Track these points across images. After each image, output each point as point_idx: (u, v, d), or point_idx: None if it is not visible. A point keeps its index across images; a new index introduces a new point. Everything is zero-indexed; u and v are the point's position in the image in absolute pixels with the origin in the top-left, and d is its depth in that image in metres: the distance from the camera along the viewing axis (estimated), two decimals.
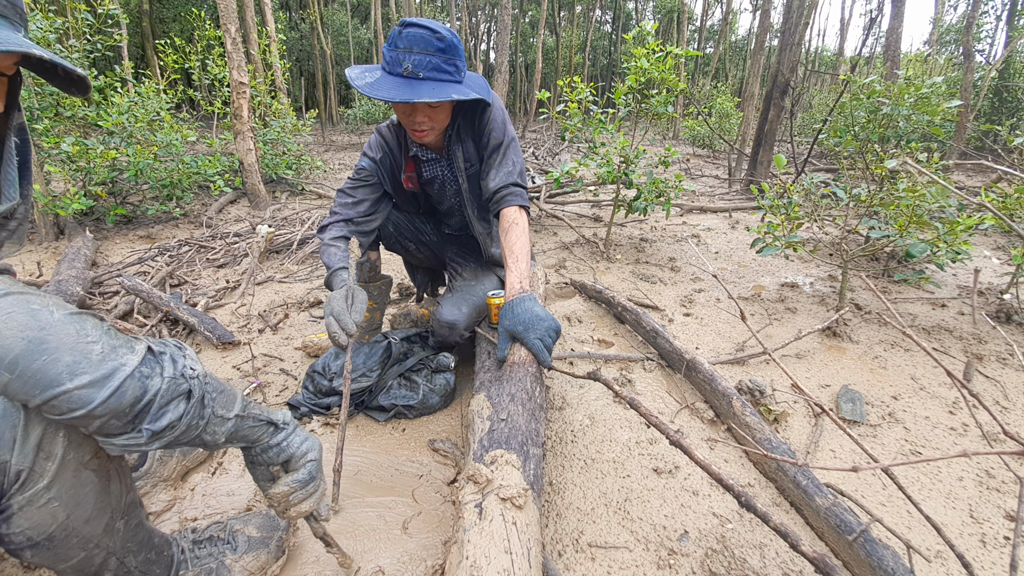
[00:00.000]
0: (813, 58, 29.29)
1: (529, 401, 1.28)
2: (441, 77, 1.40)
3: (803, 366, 1.98)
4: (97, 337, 0.63)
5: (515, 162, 1.62)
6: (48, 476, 0.66)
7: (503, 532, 0.93)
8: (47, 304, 0.61)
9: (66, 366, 0.60)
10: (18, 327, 0.58)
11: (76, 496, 0.70)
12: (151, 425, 0.66)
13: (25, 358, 0.58)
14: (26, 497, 0.65)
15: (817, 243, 3.26)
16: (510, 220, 1.56)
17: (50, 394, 0.59)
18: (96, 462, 0.72)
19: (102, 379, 0.61)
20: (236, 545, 1.03)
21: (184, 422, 0.69)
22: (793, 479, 1.28)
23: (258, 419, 0.84)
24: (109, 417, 0.63)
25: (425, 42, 1.36)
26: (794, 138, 6.50)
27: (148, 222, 4.02)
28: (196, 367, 0.72)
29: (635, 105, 3.08)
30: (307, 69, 21.00)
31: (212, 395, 0.74)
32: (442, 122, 1.54)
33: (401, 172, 1.77)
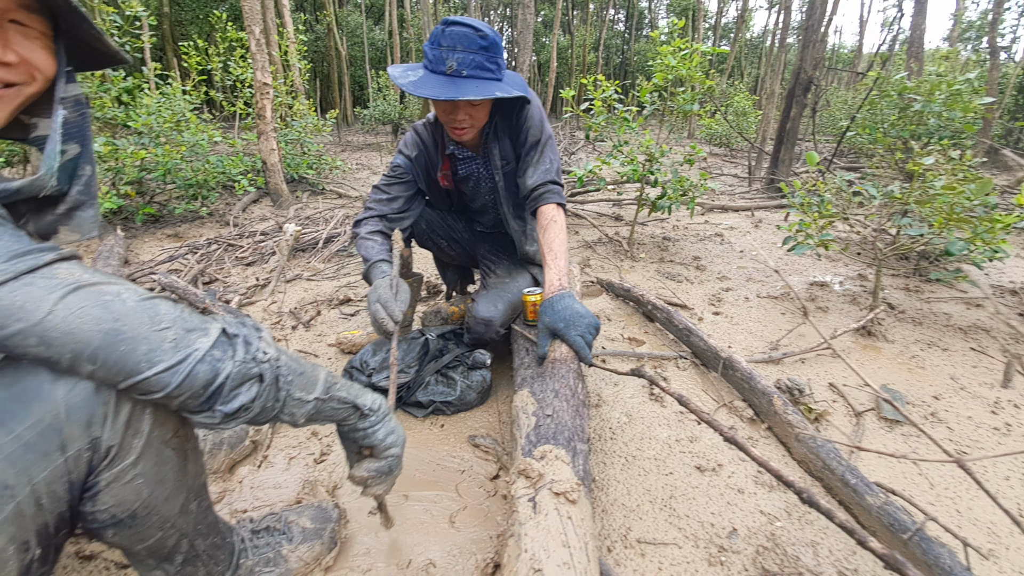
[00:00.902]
0: (830, 55, 28.90)
1: (573, 397, 1.29)
2: (484, 75, 1.41)
3: (839, 365, 1.95)
4: (171, 322, 0.64)
5: (552, 160, 1.62)
6: (135, 453, 0.68)
7: (559, 526, 0.93)
8: (119, 292, 0.63)
9: (143, 355, 0.61)
10: (93, 321, 0.59)
11: (158, 473, 0.72)
12: (223, 407, 0.68)
13: (104, 350, 0.59)
14: (113, 473, 0.67)
15: (847, 242, 3.22)
16: (548, 217, 1.56)
17: (131, 381, 0.62)
18: (176, 441, 0.74)
19: (175, 365, 0.63)
20: (292, 536, 1.05)
21: (258, 404, 0.71)
22: (841, 477, 1.26)
23: (343, 402, 0.85)
24: (186, 397, 0.65)
25: (468, 40, 1.37)
26: (816, 136, 6.42)
27: (175, 221, 4.09)
28: (269, 350, 0.73)
29: (661, 103, 3.07)
30: (322, 70, 21.22)
31: (288, 378, 0.75)
32: (481, 120, 1.56)
33: (437, 170, 1.78)
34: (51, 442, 0.61)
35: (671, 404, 1.66)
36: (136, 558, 0.80)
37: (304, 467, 1.39)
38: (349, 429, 0.91)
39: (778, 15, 20.04)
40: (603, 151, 9.05)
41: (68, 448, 0.62)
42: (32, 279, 0.57)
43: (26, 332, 0.56)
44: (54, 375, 0.61)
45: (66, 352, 0.58)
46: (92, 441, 0.63)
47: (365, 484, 0.95)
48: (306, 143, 5.61)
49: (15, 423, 0.59)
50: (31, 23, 0.67)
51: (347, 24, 21.51)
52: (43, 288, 0.58)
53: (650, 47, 30.46)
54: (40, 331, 0.57)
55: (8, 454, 0.59)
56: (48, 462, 0.61)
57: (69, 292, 0.59)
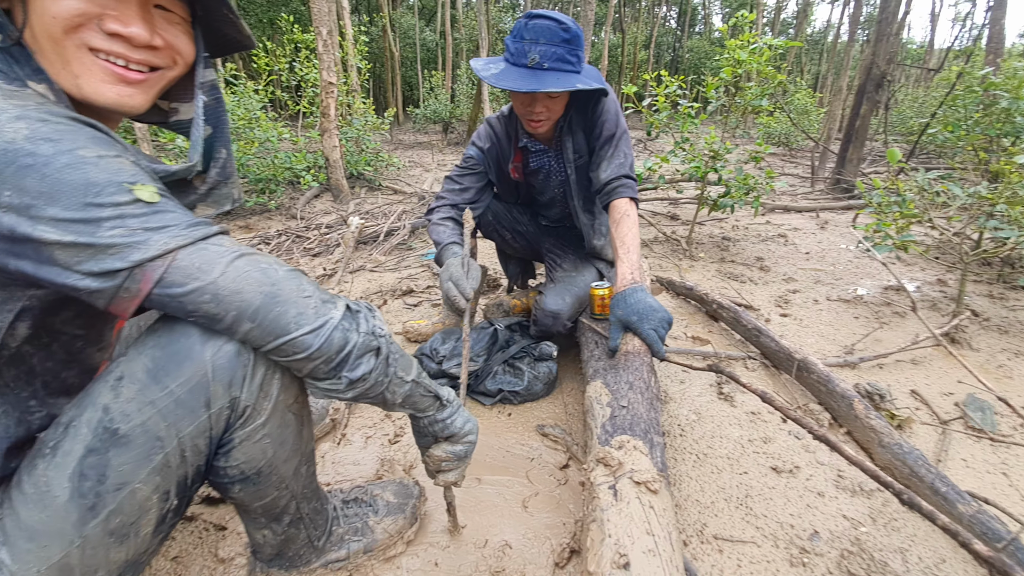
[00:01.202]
0: (898, 51, 27.27)
1: (647, 390, 1.28)
2: (564, 68, 1.42)
3: (921, 373, 1.86)
4: (311, 292, 0.70)
5: (626, 154, 1.62)
6: (264, 414, 0.74)
7: (642, 514, 0.94)
8: (271, 262, 0.69)
9: (292, 317, 0.67)
10: (256, 283, 0.65)
11: (281, 435, 0.78)
12: (349, 373, 0.72)
13: (263, 310, 0.65)
14: (246, 432, 0.73)
15: (927, 244, 3.05)
16: (621, 212, 1.56)
17: (281, 340, 0.67)
18: (296, 406, 0.80)
19: (317, 328, 0.68)
20: (377, 508, 1.10)
21: (373, 376, 0.75)
22: (931, 485, 1.21)
23: (428, 389, 0.89)
24: (320, 362, 0.70)
25: (551, 33, 1.39)
26: (887, 134, 6.09)
27: (245, 213, 4.32)
28: (383, 328, 0.78)
29: (727, 99, 2.99)
30: (375, 71, 21.84)
31: (395, 356, 0.80)
32: (558, 113, 1.57)
33: (508, 162, 1.82)
34: (198, 399, 0.67)
35: (741, 404, 1.62)
36: (250, 515, 0.87)
37: (380, 446, 1.45)
38: (430, 422, 0.94)
39: (843, 8, 19.08)
40: (656, 149, 8.89)
41: (212, 405, 0.68)
42: (206, 245, 0.64)
43: (202, 290, 0.62)
44: (203, 338, 0.67)
45: (232, 309, 0.64)
46: (232, 400, 0.69)
47: (440, 467, 0.98)
48: (364, 141, 5.80)
49: (169, 380, 0.65)
50: (174, 8, 0.73)
51: (400, 25, 22.03)
52: (215, 253, 0.64)
53: (703, 44, 29.62)
54: (214, 289, 0.63)
55: (161, 408, 0.65)
56: (194, 417, 0.67)
57: (236, 257, 0.65)
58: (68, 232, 0.56)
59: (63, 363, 0.74)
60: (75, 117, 0.61)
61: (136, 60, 0.69)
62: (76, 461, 0.63)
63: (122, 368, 0.66)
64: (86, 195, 0.57)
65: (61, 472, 0.63)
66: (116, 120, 0.80)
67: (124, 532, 0.66)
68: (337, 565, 1.01)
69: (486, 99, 9.22)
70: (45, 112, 0.58)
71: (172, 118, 0.85)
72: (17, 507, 0.63)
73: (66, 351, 0.74)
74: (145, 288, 0.60)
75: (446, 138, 12.05)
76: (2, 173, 0.54)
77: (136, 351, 0.67)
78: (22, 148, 0.54)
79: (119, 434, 0.64)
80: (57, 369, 0.73)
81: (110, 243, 0.58)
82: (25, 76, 0.64)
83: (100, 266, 0.58)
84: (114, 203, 0.58)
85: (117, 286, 0.59)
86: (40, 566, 0.62)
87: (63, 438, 0.64)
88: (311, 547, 0.97)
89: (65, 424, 0.65)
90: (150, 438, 0.65)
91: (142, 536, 0.69)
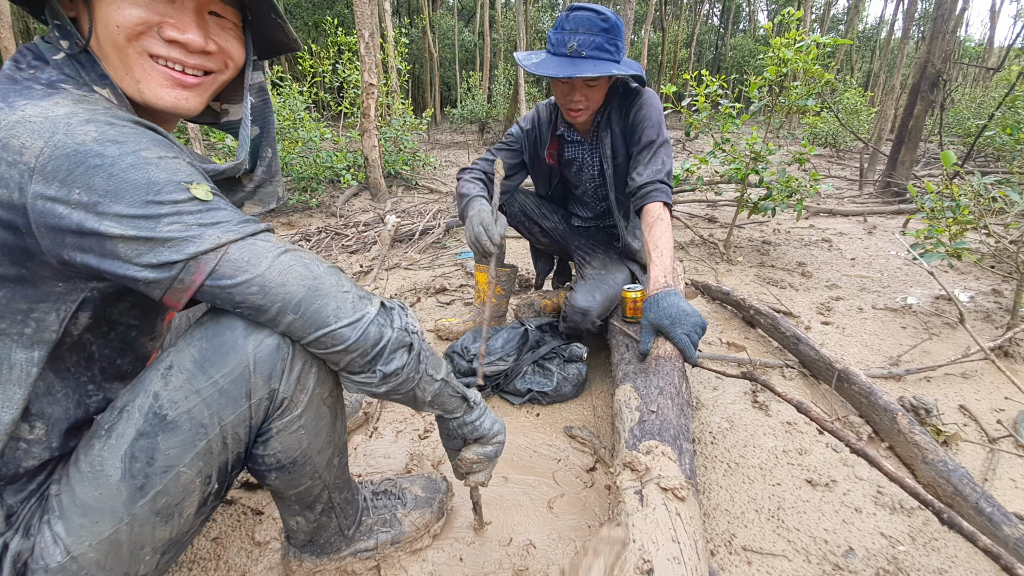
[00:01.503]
0: (956, 49, 25.86)
1: (677, 396, 1.27)
2: (603, 56, 1.48)
3: (970, 387, 1.76)
4: (349, 288, 0.73)
5: (665, 162, 1.63)
6: (301, 406, 0.77)
7: (668, 521, 0.93)
8: (313, 258, 0.72)
9: (332, 311, 0.70)
10: (299, 277, 0.68)
11: (316, 427, 0.81)
12: (383, 367, 0.75)
13: (305, 302, 0.69)
14: (283, 423, 0.76)
15: (982, 253, 2.88)
16: (654, 215, 1.55)
17: (321, 332, 0.70)
18: (331, 399, 0.83)
19: (355, 322, 0.71)
20: (405, 501, 1.13)
21: (405, 372, 0.78)
22: (975, 505, 1.15)
23: (456, 390, 0.91)
24: (356, 355, 0.73)
25: (590, 23, 1.46)
26: (942, 136, 5.78)
27: (288, 211, 4.47)
28: (416, 325, 0.80)
29: (771, 99, 2.91)
30: (414, 71, 22.19)
31: (426, 353, 0.82)
32: (596, 102, 1.62)
33: (544, 147, 1.87)
34: (240, 389, 0.70)
35: (776, 413, 1.58)
36: (285, 502, 0.90)
37: (410, 441, 1.48)
38: (458, 424, 0.95)
39: (897, 4, 18.18)
40: (695, 150, 8.70)
41: (252, 396, 0.71)
42: (255, 240, 0.68)
43: (250, 282, 0.66)
44: (246, 332, 0.70)
45: (277, 300, 0.67)
46: (271, 392, 0.73)
47: (471, 469, 0.99)
48: (402, 140, 5.91)
49: (214, 370, 0.69)
50: (226, 14, 0.77)
51: (439, 27, 22.30)
52: (263, 248, 0.67)
53: (747, 42, 28.78)
54: (261, 281, 0.66)
55: (206, 397, 0.69)
56: (236, 407, 0.71)
57: (282, 252, 0.69)
58: (131, 227, 0.60)
59: (119, 351, 0.79)
60: (138, 121, 0.66)
61: (192, 65, 0.74)
62: (128, 443, 0.67)
63: (172, 358, 0.70)
64: (148, 193, 0.61)
65: (114, 453, 0.67)
66: (173, 122, 0.84)
67: (169, 512, 0.71)
68: (365, 554, 1.04)
69: (522, 99, 9.24)
70: (112, 116, 0.63)
71: (223, 119, 0.90)
72: (73, 484, 0.68)
73: (122, 340, 0.79)
74: (198, 279, 0.64)
75: (482, 138, 12.14)
76: (72, 172, 0.58)
77: (185, 342, 0.71)
78: (91, 150, 0.59)
79: (167, 420, 0.68)
80: (113, 356, 0.78)
81: (168, 237, 0.62)
82: (91, 81, 0.69)
83: (158, 258, 0.62)
84: (173, 200, 0.63)
85: (173, 277, 0.63)
86: (92, 540, 0.66)
87: (117, 421, 0.69)
88: (341, 535, 1.01)
89: (120, 408, 0.70)
90: (195, 425, 0.69)
91: (185, 516, 0.73)
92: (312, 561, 1.01)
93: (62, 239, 0.60)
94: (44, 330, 0.66)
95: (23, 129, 0.57)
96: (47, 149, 0.57)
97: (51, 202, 0.58)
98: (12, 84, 0.64)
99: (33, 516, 0.69)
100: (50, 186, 0.57)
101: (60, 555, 0.66)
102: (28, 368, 0.66)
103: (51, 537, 0.67)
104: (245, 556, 1.10)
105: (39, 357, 0.66)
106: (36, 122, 0.58)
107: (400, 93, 7.12)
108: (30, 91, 0.62)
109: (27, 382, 0.66)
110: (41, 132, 0.58)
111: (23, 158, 0.57)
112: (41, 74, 0.66)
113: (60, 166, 0.57)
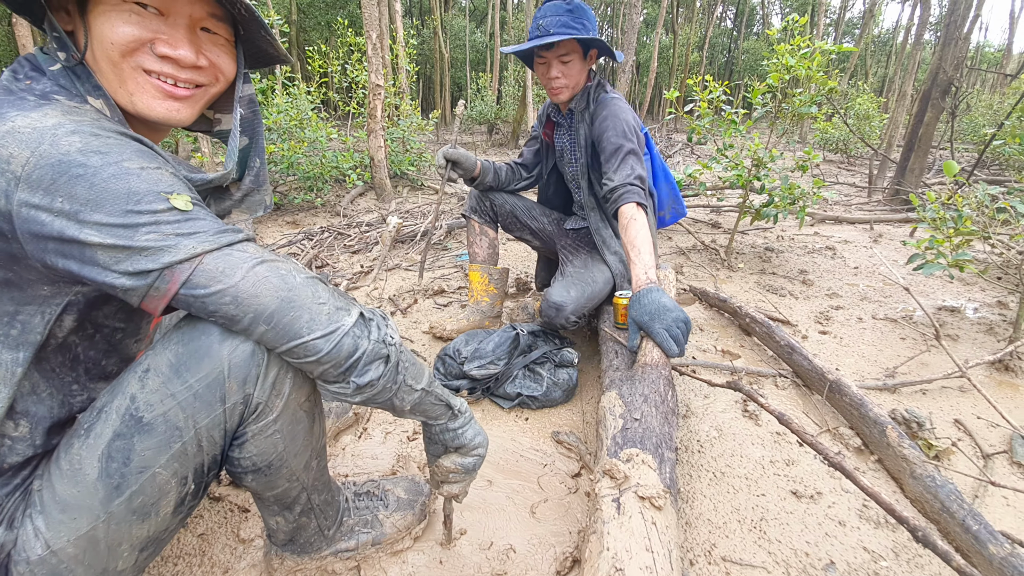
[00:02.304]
0: (973, 54, 25.49)
1: (662, 404, 1.27)
2: (565, 31, 1.64)
3: (968, 401, 1.74)
4: (326, 299, 0.74)
5: (634, 167, 1.69)
6: (276, 411, 0.78)
7: (643, 530, 0.93)
8: (291, 269, 0.73)
9: (305, 323, 0.71)
10: (274, 289, 0.69)
11: (292, 431, 0.82)
12: (357, 379, 0.76)
13: (278, 314, 0.70)
14: (258, 427, 0.78)
15: (986, 264, 2.85)
16: (628, 216, 1.60)
17: (293, 344, 0.71)
18: (307, 405, 0.84)
19: (328, 334, 0.72)
20: (388, 503, 1.14)
21: (381, 383, 0.79)
22: (962, 522, 1.14)
23: (439, 398, 0.92)
24: (329, 366, 0.74)
25: (556, 8, 1.67)
26: (953, 144, 5.70)
27: (293, 209, 4.51)
28: (395, 336, 0.81)
29: (774, 105, 2.89)
30: (424, 72, 22.27)
31: (405, 364, 0.83)
32: (574, 79, 1.77)
33: (543, 127, 2.07)
34: (215, 394, 0.72)
35: (766, 423, 1.58)
36: (264, 503, 0.92)
37: (398, 442, 1.49)
38: (440, 430, 0.97)
39: (913, 9, 17.96)
40: (703, 154, 8.66)
41: (227, 400, 0.73)
42: (231, 251, 0.69)
43: (223, 292, 0.67)
44: (222, 337, 0.72)
45: (249, 312, 0.69)
46: (245, 396, 0.74)
47: (447, 478, 1.00)
48: (409, 141, 5.94)
49: (189, 375, 0.71)
50: (218, 30, 0.79)
51: (451, 27, 22.37)
52: (238, 259, 0.69)
53: (760, 45, 28.57)
54: (234, 292, 0.67)
55: (181, 401, 0.71)
56: (211, 411, 0.72)
57: (257, 264, 0.70)
58: (110, 235, 0.62)
59: (104, 352, 0.81)
60: (123, 132, 0.68)
61: (183, 79, 0.76)
62: (105, 443, 0.69)
63: (149, 361, 0.72)
64: (127, 202, 0.63)
65: (92, 452, 0.69)
66: (165, 131, 0.87)
67: (146, 511, 0.72)
68: (346, 554, 1.06)
69: (531, 101, 9.25)
70: (97, 127, 0.65)
71: (216, 127, 0.92)
72: (54, 481, 0.70)
73: (107, 342, 0.81)
74: (173, 288, 0.66)
75: (491, 139, 12.16)
76: (56, 181, 0.60)
77: (163, 345, 0.73)
78: (75, 160, 0.61)
79: (143, 422, 0.69)
80: (98, 357, 0.80)
81: (145, 246, 0.64)
82: (85, 92, 0.71)
83: (135, 266, 0.64)
84: (151, 210, 0.64)
85: (149, 285, 0.65)
86: (70, 536, 0.68)
87: (96, 421, 0.71)
88: (322, 536, 1.02)
89: (99, 408, 0.72)
90: (170, 427, 0.70)
91: (162, 516, 0.75)
92: (293, 560, 1.03)
93: (44, 245, 0.62)
94: (29, 332, 0.68)
95: (11, 139, 0.59)
96: (33, 159, 0.59)
97: (35, 209, 0.60)
98: (7, 95, 0.66)
99: (17, 509, 0.71)
100: (34, 194, 0.59)
101: (40, 549, 0.68)
102: (13, 368, 0.68)
103: (32, 531, 0.68)
104: (229, 553, 1.12)
105: (24, 358, 0.68)
106: (24, 133, 0.60)
107: (408, 94, 7.16)
108: (23, 102, 0.64)
109: (12, 381, 0.68)
110: (28, 142, 0.59)
111: (10, 167, 0.59)
112: (36, 85, 0.68)
113: (44, 175, 0.59)
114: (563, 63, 1.74)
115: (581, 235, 2.09)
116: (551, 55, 1.73)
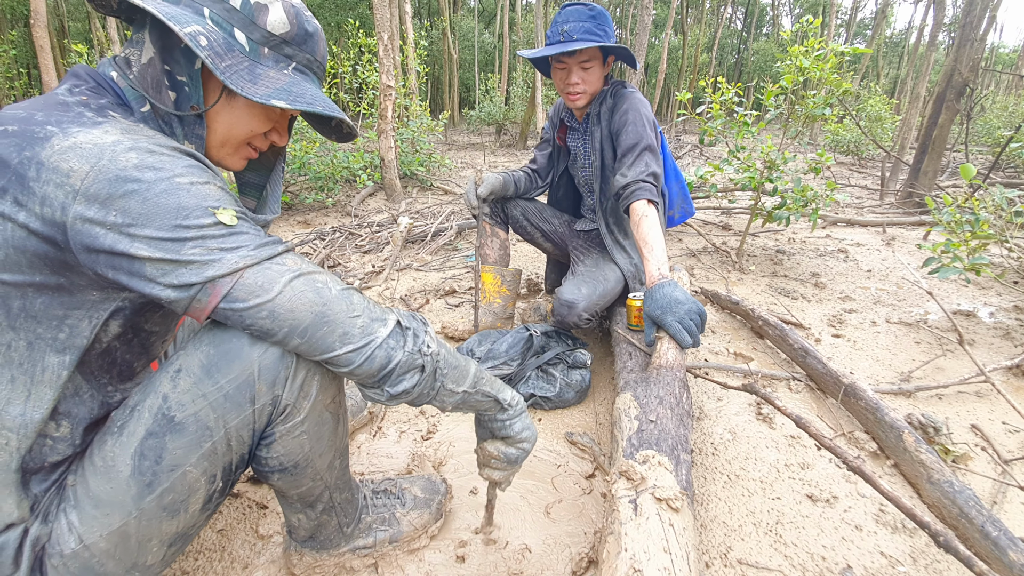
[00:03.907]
0: (988, 55, 25.22)
1: (677, 406, 1.27)
2: (591, 37, 1.63)
3: (984, 406, 1.73)
4: (360, 311, 0.75)
5: (649, 163, 1.69)
6: (303, 412, 0.80)
7: (660, 531, 0.94)
8: (326, 282, 0.74)
9: (338, 336, 0.73)
10: (309, 303, 0.71)
11: (318, 432, 0.84)
12: (391, 389, 0.78)
13: (312, 328, 0.71)
14: (286, 427, 0.79)
15: (1003, 268, 2.82)
16: (639, 213, 1.61)
17: (325, 356, 0.73)
18: (333, 406, 0.86)
19: (361, 347, 0.74)
20: (405, 501, 1.15)
21: (416, 390, 0.81)
22: (980, 528, 1.13)
23: (486, 395, 0.93)
24: (363, 376, 0.76)
25: (579, 13, 1.66)
26: (968, 146, 5.65)
27: (304, 209, 4.55)
28: (432, 345, 0.82)
29: (787, 107, 2.88)
30: (433, 73, 22.35)
31: (444, 370, 0.84)
32: (593, 85, 1.77)
33: (556, 130, 2.06)
34: (244, 395, 0.73)
35: (780, 426, 1.57)
36: (287, 501, 0.93)
37: (413, 442, 1.51)
38: (488, 419, 0.99)
39: (927, 10, 17.78)
40: (713, 156, 8.63)
41: (256, 401, 0.74)
42: (270, 264, 0.70)
43: (261, 307, 0.69)
44: (251, 340, 0.73)
45: (284, 326, 0.70)
46: (274, 398, 0.76)
47: (490, 463, 1.02)
48: (419, 142, 5.96)
49: (220, 376, 0.72)
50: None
51: (460, 28, 22.43)
52: (277, 272, 0.70)
53: (770, 46, 28.41)
54: (271, 307, 0.69)
55: (212, 401, 0.72)
56: (240, 411, 0.74)
57: (294, 278, 0.71)
58: (158, 249, 0.64)
59: (137, 355, 0.83)
60: (176, 147, 0.70)
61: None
62: (138, 442, 0.71)
63: (181, 361, 0.73)
64: (176, 217, 0.65)
65: (125, 450, 0.71)
66: None
67: (175, 508, 0.74)
68: (364, 551, 1.07)
69: (539, 102, 9.25)
70: (153, 143, 0.67)
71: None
72: (88, 477, 0.71)
73: (142, 344, 0.83)
74: (214, 301, 0.68)
75: (499, 140, 12.18)
76: (112, 196, 0.62)
77: (194, 346, 0.74)
78: (130, 175, 0.63)
79: (175, 421, 0.71)
80: (132, 360, 0.82)
81: (190, 259, 0.66)
82: (182, 137, 0.77)
83: (180, 279, 0.66)
84: (199, 225, 0.66)
85: (192, 297, 0.67)
86: (103, 531, 0.70)
87: (129, 419, 0.72)
88: (341, 533, 1.03)
89: (131, 407, 0.73)
90: (201, 427, 0.72)
91: (191, 512, 0.76)
92: (312, 556, 1.04)
93: (96, 257, 0.64)
94: (76, 336, 0.70)
95: (73, 154, 0.61)
96: (92, 173, 0.61)
97: (89, 223, 0.62)
98: (65, 110, 0.67)
99: (51, 504, 0.73)
100: (90, 207, 0.61)
101: (74, 543, 0.69)
102: (59, 371, 0.70)
103: (66, 525, 0.70)
104: (249, 548, 1.13)
105: (70, 361, 0.70)
106: (86, 148, 0.62)
107: (418, 95, 7.19)
108: (81, 118, 0.66)
109: (57, 384, 0.70)
110: (89, 157, 0.62)
111: (69, 180, 0.61)
112: (93, 101, 0.70)
113: (101, 189, 0.61)
114: (584, 69, 1.73)
115: (591, 236, 2.10)
116: (572, 61, 1.72)
